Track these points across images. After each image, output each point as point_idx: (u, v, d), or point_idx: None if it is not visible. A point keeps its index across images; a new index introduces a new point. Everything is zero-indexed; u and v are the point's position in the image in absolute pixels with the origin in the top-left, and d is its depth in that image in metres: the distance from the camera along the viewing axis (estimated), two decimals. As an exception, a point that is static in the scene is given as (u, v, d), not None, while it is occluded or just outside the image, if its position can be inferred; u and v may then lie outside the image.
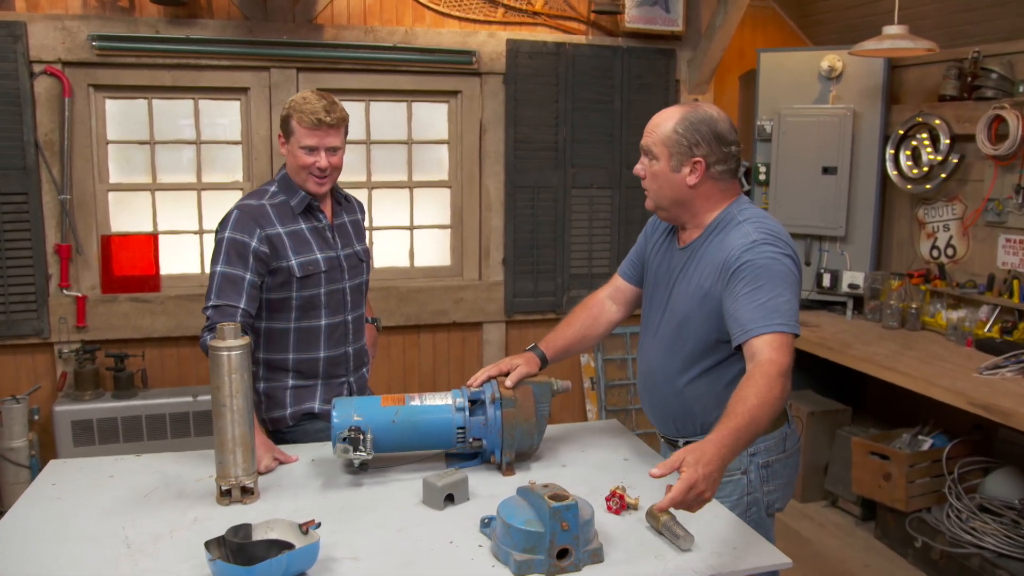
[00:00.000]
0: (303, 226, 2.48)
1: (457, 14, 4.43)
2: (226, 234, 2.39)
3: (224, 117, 4.31)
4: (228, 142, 4.31)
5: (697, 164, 2.10)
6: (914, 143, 4.26)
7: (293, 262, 2.43)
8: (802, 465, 4.41)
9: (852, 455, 4.05)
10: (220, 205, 4.24)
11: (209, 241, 4.28)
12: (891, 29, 3.66)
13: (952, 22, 4.18)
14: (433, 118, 4.60)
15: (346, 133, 2.50)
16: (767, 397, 1.81)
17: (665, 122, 2.13)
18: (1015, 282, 3.79)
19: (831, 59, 4.49)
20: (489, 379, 2.24)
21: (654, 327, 2.26)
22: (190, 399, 4.04)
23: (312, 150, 2.41)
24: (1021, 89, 3.83)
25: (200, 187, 4.30)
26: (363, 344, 2.70)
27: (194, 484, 2.15)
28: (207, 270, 4.28)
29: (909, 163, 4.29)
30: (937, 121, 4.12)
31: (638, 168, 2.22)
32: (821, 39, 5.12)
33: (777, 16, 5.17)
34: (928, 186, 4.23)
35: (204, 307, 2.36)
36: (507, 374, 2.25)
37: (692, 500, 1.63)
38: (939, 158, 4.13)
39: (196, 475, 2.20)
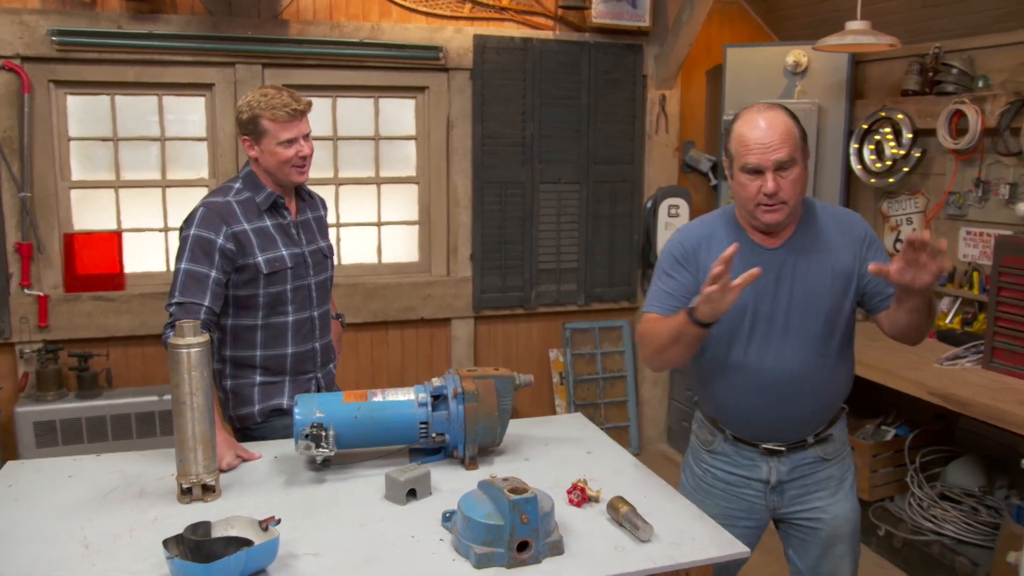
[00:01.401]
0: (269, 223, 2.47)
1: (424, 9, 4.42)
2: (191, 231, 2.37)
3: (189, 113, 4.27)
4: (193, 139, 4.28)
5: (807, 154, 2.10)
6: (877, 137, 4.31)
7: (260, 259, 2.42)
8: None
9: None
10: (185, 202, 4.16)
11: (174, 239, 4.24)
12: (854, 25, 3.70)
13: (914, 18, 4.23)
14: (400, 114, 4.59)
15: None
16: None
17: (787, 126, 2.02)
18: (975, 274, 3.85)
19: (796, 54, 4.53)
20: None
21: (779, 332, 2.10)
22: (155, 398, 4.01)
23: (292, 142, 2.42)
24: (980, 84, 3.89)
25: (165, 184, 4.26)
26: (330, 340, 2.70)
27: (155, 483, 2.13)
28: (172, 268, 4.24)
29: (873, 157, 4.34)
30: (900, 116, 4.18)
31: (772, 186, 2.00)
32: (787, 34, 5.16)
33: (743, 11, 5.21)
34: (891, 180, 4.28)
35: (167, 304, 2.34)
36: None
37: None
38: (902, 152, 4.19)
39: (157, 474, 2.18)
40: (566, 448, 2.38)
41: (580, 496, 1.99)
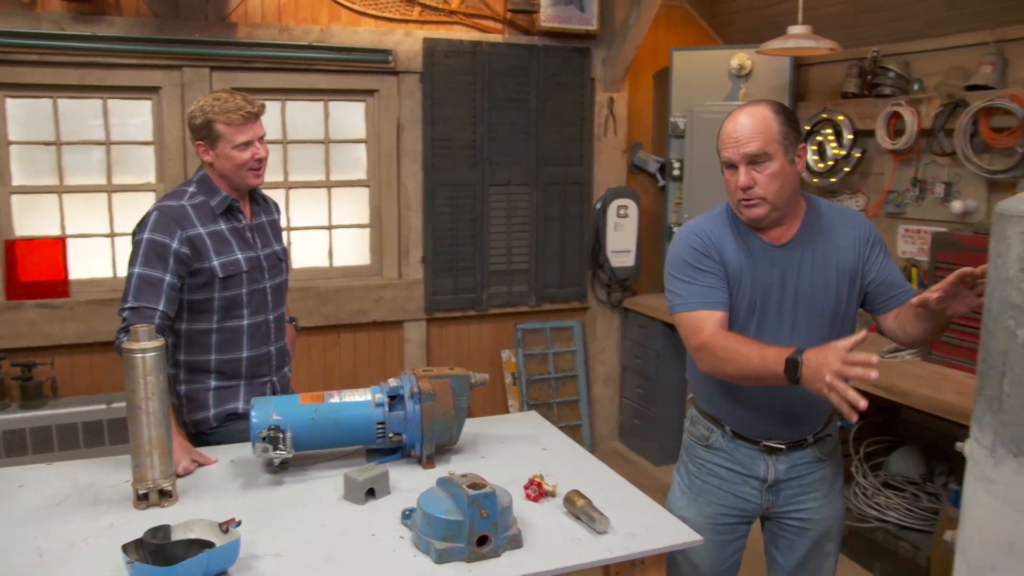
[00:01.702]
0: (223, 227, 2.46)
1: (373, 13, 4.42)
2: (145, 235, 2.35)
3: (135, 117, 4.21)
4: (139, 143, 4.21)
5: (802, 151, 2.08)
6: (819, 138, 4.43)
7: (215, 263, 2.41)
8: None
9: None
10: (132, 207, 4.14)
11: (122, 244, 4.19)
12: (796, 29, 3.80)
13: (852, 23, 4.36)
14: (350, 117, 4.58)
15: None
16: None
17: (766, 121, 2.02)
18: (914, 270, 3.98)
19: (741, 58, 4.63)
20: None
21: (786, 330, 2.09)
22: (104, 407, 3.93)
23: (247, 145, 2.42)
24: (916, 87, 4.02)
25: (111, 189, 4.19)
26: (285, 343, 2.69)
27: (108, 490, 2.11)
28: (120, 274, 4.18)
29: (815, 157, 4.46)
30: (840, 117, 4.30)
31: (744, 180, 2.02)
32: (731, 38, 5.27)
33: (689, 15, 5.30)
34: (833, 179, 4.40)
35: (120, 309, 2.32)
36: None
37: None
38: (843, 152, 4.31)
39: (111, 481, 2.16)
40: (521, 445, 2.41)
41: (537, 491, 2.02)
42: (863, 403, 1.68)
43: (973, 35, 3.78)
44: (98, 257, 4.21)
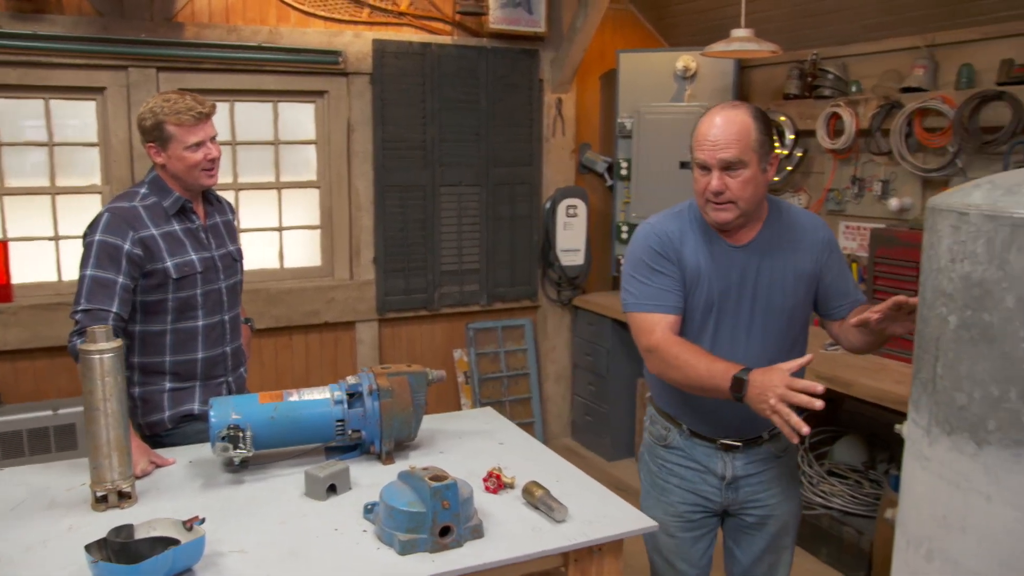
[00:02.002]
0: (177, 227, 2.46)
1: (322, 14, 4.42)
2: (96, 237, 2.33)
3: (78, 118, 4.15)
4: (84, 144, 4.15)
5: (775, 160, 2.09)
6: (761, 138, 4.55)
7: (169, 263, 2.40)
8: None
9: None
10: (77, 210, 4.09)
11: (67, 247, 4.12)
12: (739, 32, 3.91)
13: (793, 26, 4.49)
14: (300, 118, 4.57)
15: None
16: None
17: (745, 128, 2.01)
18: (854, 265, 4.12)
19: (686, 60, 4.74)
20: None
21: (743, 330, 2.12)
22: (50, 413, 3.87)
23: (199, 145, 2.41)
24: (854, 89, 4.17)
25: (54, 191, 4.12)
26: (240, 343, 2.69)
27: (65, 493, 2.09)
28: (66, 278, 4.12)
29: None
30: (782, 118, 4.43)
31: (716, 185, 2.02)
32: (676, 40, 5.38)
33: (635, 18, 5.39)
34: (776, 178, 4.53)
35: (73, 311, 2.30)
36: None
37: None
38: (785, 152, 4.44)
39: (66, 484, 2.14)
40: (478, 440, 2.46)
41: (496, 483, 2.07)
42: (805, 429, 1.77)
43: (906, 39, 3.93)
44: (42, 261, 4.14)
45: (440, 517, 1.74)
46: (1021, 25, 3.47)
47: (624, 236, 4.94)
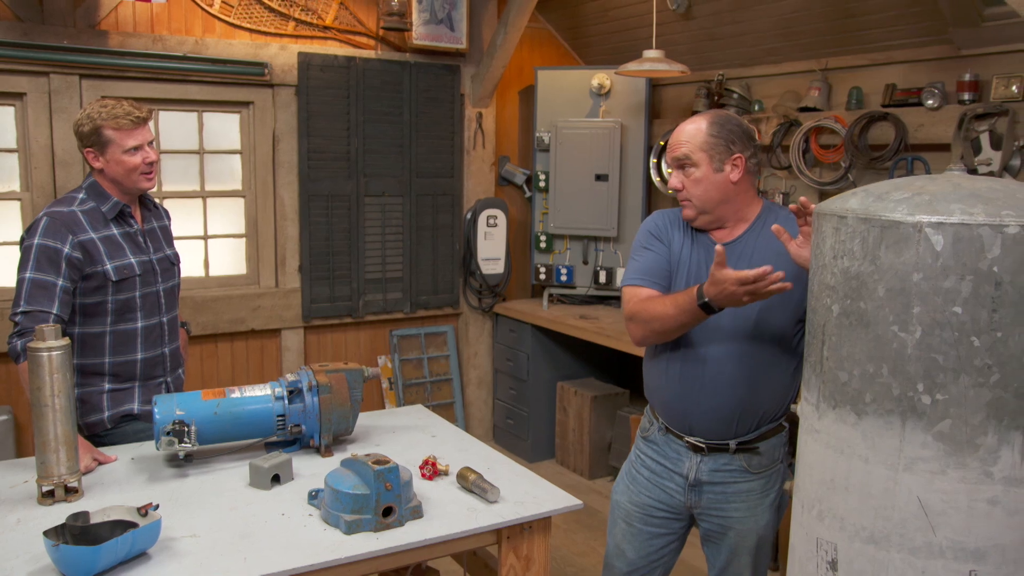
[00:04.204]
0: (115, 231, 2.52)
1: (248, 26, 4.49)
2: (36, 240, 2.38)
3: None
4: (1, 150, 4.12)
5: (738, 160, 2.15)
6: (671, 153, 4.82)
7: (108, 267, 2.46)
8: (588, 444, 4.84)
9: (631, 432, 4.52)
10: (-4, 217, 4.06)
11: (-13, 254, 4.08)
12: (650, 53, 4.15)
13: (700, 48, 4.78)
14: (225, 128, 4.62)
15: None
16: None
17: (696, 129, 2.17)
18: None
19: (600, 77, 4.97)
20: None
21: (711, 325, 2.13)
22: (-30, 421, 3.83)
23: (137, 149, 2.48)
24: (757, 108, 4.47)
25: (-29, 198, 4.08)
26: (178, 345, 2.76)
27: (8, 490, 2.14)
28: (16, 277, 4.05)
29: (670, 171, 4.84)
30: (689, 134, 4.69)
31: (674, 182, 2.22)
32: (591, 59, 5.63)
33: (552, 37, 5.62)
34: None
35: (12, 313, 2.34)
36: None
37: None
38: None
39: (9, 482, 2.19)
40: (412, 434, 2.59)
41: (432, 471, 2.21)
42: (788, 284, 1.89)
43: (803, 63, 4.25)
44: (-40, 268, 4.08)
45: (383, 498, 1.87)
46: (902, 54, 3.81)
47: (543, 246, 5.14)
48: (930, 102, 3.60)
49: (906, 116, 3.70)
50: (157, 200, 2.83)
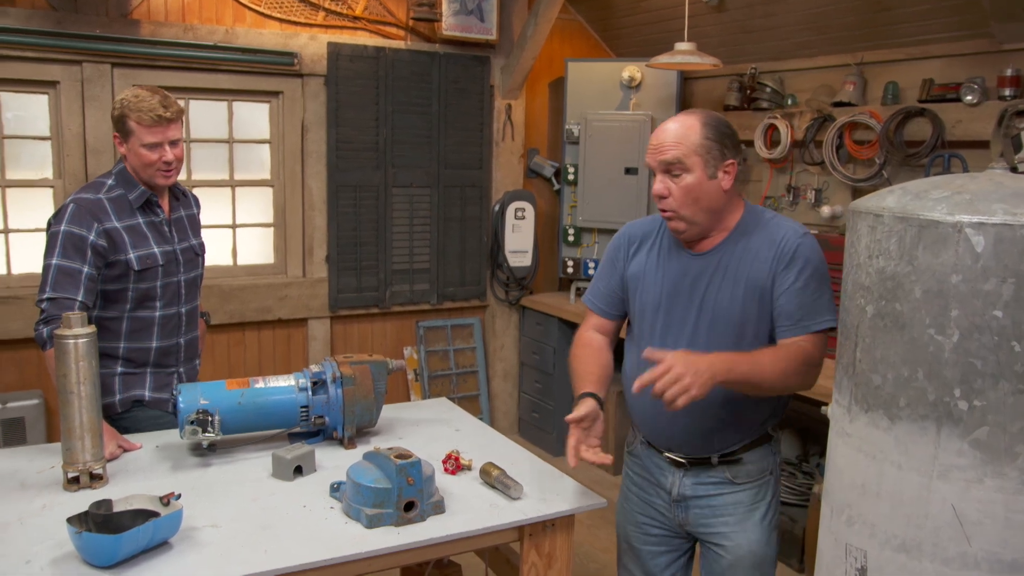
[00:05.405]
0: (140, 220, 2.52)
1: (278, 16, 4.49)
2: (62, 227, 2.39)
3: (25, 111, 4.13)
4: (35, 137, 4.15)
5: (730, 167, 1.98)
6: (702, 147, 4.76)
7: (131, 256, 2.47)
8: (613, 439, 4.81)
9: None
10: (28, 203, 4.09)
11: (17, 240, 4.12)
12: (682, 46, 4.10)
13: (733, 41, 4.71)
14: (255, 117, 4.63)
15: (183, 124, 2.58)
16: (782, 365, 1.88)
17: (690, 131, 1.96)
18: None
19: (631, 70, 4.92)
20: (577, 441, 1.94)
21: (687, 338, 2.03)
22: (-1, 405, 3.88)
23: (155, 146, 2.46)
24: (789, 102, 4.40)
25: (4, 184, 4.11)
26: (196, 336, 2.76)
27: (35, 476, 2.16)
28: (15, 271, 4.11)
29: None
30: (721, 128, 4.63)
31: (660, 188, 1.99)
32: (622, 51, 5.57)
33: (583, 29, 5.57)
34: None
35: (39, 300, 2.35)
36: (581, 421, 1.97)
37: (676, 390, 1.71)
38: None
39: (35, 468, 2.20)
40: (436, 427, 2.58)
41: (455, 465, 2.19)
42: (572, 462, 1.88)
43: (837, 57, 4.17)
44: (-9, 253, 4.13)
45: (405, 492, 1.86)
46: (939, 48, 3.73)
47: (571, 239, 5.10)
48: (969, 98, 3.52)
49: (944, 112, 3.62)
50: (188, 188, 2.83)
